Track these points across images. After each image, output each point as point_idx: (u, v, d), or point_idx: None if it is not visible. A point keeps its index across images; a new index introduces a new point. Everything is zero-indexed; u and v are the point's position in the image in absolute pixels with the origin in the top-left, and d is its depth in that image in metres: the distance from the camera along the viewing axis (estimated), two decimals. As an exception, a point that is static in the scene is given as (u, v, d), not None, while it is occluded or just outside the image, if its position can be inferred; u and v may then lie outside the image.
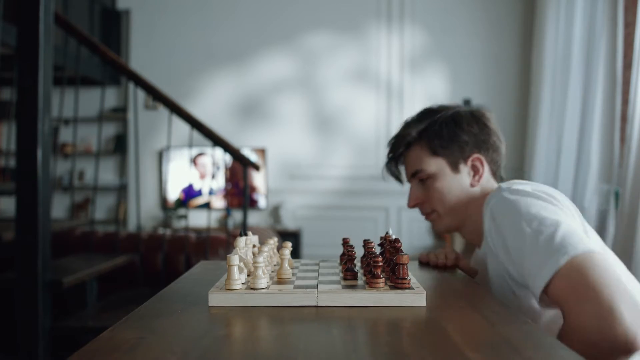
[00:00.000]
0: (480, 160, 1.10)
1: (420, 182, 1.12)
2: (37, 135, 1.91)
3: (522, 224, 0.88)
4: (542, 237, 0.84)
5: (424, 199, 1.11)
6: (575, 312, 0.77)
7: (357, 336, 0.64)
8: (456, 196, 1.08)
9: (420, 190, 1.12)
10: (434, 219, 1.13)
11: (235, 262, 0.78)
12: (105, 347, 0.61)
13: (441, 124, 1.09)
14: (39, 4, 1.90)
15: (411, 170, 1.12)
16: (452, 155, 1.08)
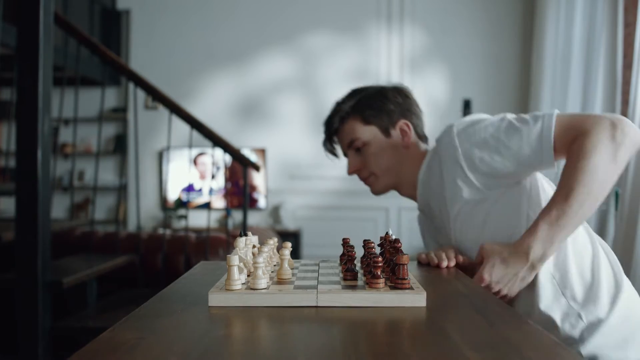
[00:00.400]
0: (407, 125, 1.26)
1: (357, 151, 1.27)
2: (37, 136, 1.91)
3: (495, 122, 1.08)
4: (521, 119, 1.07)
5: (362, 165, 1.28)
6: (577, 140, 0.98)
7: (357, 336, 0.64)
8: (390, 157, 1.25)
9: (357, 158, 1.28)
10: (372, 181, 1.29)
11: (235, 263, 0.78)
12: (105, 347, 0.61)
13: (370, 97, 1.26)
14: (39, 5, 1.90)
15: (347, 140, 1.28)
16: (382, 123, 1.25)
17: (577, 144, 0.98)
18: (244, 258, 0.86)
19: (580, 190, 0.96)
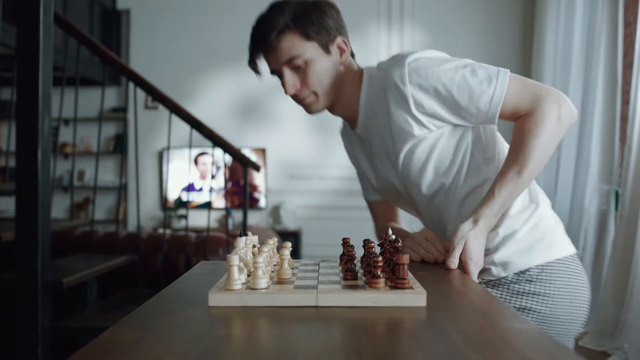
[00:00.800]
0: (344, 42, 1.22)
1: (294, 69, 1.18)
2: (37, 135, 1.91)
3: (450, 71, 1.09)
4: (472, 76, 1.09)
5: (302, 85, 1.19)
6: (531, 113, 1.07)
7: (357, 336, 0.64)
8: (331, 76, 1.19)
9: (295, 77, 1.18)
10: (312, 101, 1.21)
11: (235, 262, 0.78)
12: (105, 347, 0.61)
13: (307, 11, 1.18)
14: (39, 4, 1.90)
15: (285, 58, 1.16)
16: (322, 39, 1.18)
17: (528, 120, 1.08)
18: (244, 258, 0.86)
19: (530, 167, 1.07)
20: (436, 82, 1.09)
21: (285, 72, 1.17)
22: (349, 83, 1.22)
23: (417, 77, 1.10)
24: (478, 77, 1.08)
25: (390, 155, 1.21)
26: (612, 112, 3.45)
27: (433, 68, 1.10)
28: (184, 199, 5.14)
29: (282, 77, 1.17)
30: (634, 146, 3.01)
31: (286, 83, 1.17)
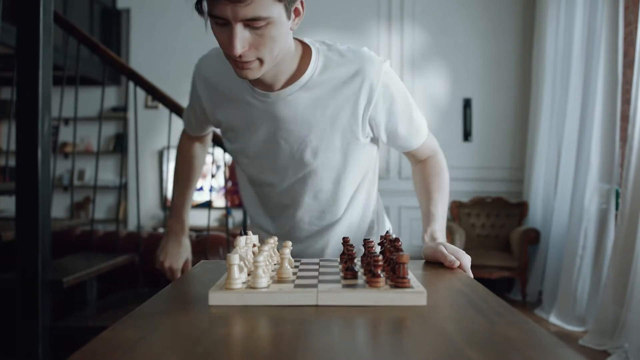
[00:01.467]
0: (302, 4, 1.06)
1: (249, 29, 0.99)
2: (37, 135, 1.91)
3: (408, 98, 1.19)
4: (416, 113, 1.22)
5: (249, 47, 1.01)
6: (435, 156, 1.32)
7: (357, 335, 0.64)
8: (285, 42, 1.05)
9: (246, 36, 1.00)
10: (255, 67, 1.04)
11: (235, 262, 0.78)
12: (105, 346, 0.61)
13: None
14: (39, 4, 1.90)
15: (250, 15, 0.96)
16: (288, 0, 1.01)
17: (435, 159, 1.32)
18: (244, 257, 0.86)
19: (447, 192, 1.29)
20: (396, 100, 1.16)
21: (237, 28, 0.97)
22: (289, 51, 1.11)
23: (386, 86, 1.13)
24: (417, 114, 1.23)
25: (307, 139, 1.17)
26: (613, 112, 3.45)
27: (399, 85, 1.17)
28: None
29: (231, 32, 0.98)
30: (634, 145, 3.01)
31: (235, 41, 0.98)
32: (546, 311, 3.92)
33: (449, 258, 1.05)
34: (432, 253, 1.10)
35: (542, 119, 4.46)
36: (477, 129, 5.00)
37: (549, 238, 4.22)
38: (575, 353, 0.57)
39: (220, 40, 1.02)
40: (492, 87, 5.00)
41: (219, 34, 1.02)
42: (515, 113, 4.98)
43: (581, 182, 3.69)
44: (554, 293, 3.96)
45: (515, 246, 4.37)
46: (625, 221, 3.05)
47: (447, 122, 5.01)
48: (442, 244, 1.11)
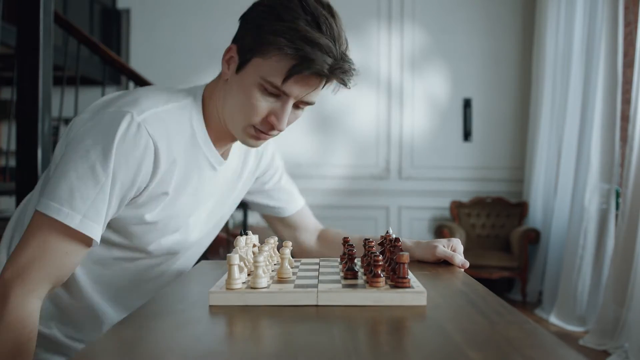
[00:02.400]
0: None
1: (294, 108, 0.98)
2: (37, 135, 1.91)
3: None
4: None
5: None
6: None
7: (357, 335, 0.64)
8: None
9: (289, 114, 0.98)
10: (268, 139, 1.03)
11: (235, 262, 0.78)
12: (105, 347, 0.61)
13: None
14: (39, 4, 1.90)
15: (311, 99, 0.98)
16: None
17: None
18: (244, 257, 0.86)
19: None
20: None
21: (289, 105, 0.95)
22: None
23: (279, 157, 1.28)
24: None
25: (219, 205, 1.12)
26: (613, 111, 3.45)
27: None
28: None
29: (283, 107, 0.94)
30: (635, 145, 3.01)
31: (285, 117, 0.95)
32: (546, 311, 3.92)
33: (458, 260, 1.04)
34: (430, 254, 1.08)
35: (542, 119, 4.46)
36: (477, 129, 5.00)
37: (549, 238, 4.22)
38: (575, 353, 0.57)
39: (258, 106, 0.94)
40: (492, 87, 5.00)
41: (260, 101, 0.93)
42: (515, 113, 4.98)
43: (581, 182, 3.69)
44: (554, 293, 3.96)
45: (515, 246, 4.38)
46: (625, 221, 3.05)
47: (447, 122, 5.01)
48: (435, 242, 1.08)
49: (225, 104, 0.99)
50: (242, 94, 0.94)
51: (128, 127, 0.88)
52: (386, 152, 5.02)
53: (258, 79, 0.92)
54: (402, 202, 5.00)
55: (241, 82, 0.94)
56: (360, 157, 5.02)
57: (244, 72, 0.94)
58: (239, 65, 0.95)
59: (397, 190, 5.01)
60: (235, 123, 0.97)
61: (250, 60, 0.93)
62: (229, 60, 0.98)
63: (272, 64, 0.90)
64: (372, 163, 5.02)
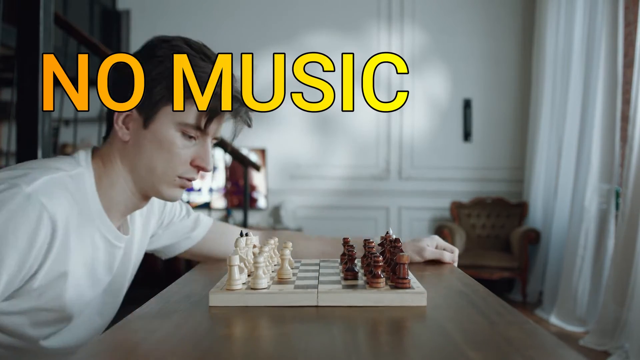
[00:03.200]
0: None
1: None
2: (38, 136, 1.91)
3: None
4: None
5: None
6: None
7: (357, 336, 0.64)
8: None
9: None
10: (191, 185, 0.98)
11: (235, 263, 0.78)
12: (105, 347, 0.61)
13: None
14: (39, 5, 1.90)
15: (219, 134, 0.97)
16: None
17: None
18: (244, 258, 0.86)
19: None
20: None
21: (209, 143, 0.93)
22: None
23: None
24: None
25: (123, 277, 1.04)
26: (613, 112, 3.45)
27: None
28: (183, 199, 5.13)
29: (204, 147, 0.91)
30: (635, 145, 3.01)
31: (210, 157, 0.92)
32: (546, 311, 3.92)
33: (448, 257, 1.13)
34: (419, 256, 1.13)
35: (542, 119, 4.46)
36: (477, 130, 5.00)
37: (550, 238, 4.22)
38: (575, 353, 0.57)
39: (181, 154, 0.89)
40: (492, 87, 5.00)
41: (181, 148, 0.88)
42: (515, 113, 4.98)
43: (581, 182, 3.69)
44: (554, 293, 3.95)
45: (515, 246, 4.37)
46: (625, 221, 3.05)
47: (447, 122, 5.01)
48: (419, 242, 1.14)
49: (137, 165, 0.89)
50: (159, 147, 0.88)
51: (15, 200, 0.76)
52: (386, 153, 5.02)
53: (175, 126, 0.87)
54: (402, 203, 5.00)
55: (154, 135, 0.87)
56: (360, 158, 5.02)
57: (155, 124, 0.87)
58: (146, 119, 0.87)
59: (397, 190, 5.00)
60: (158, 179, 0.90)
61: (159, 111, 0.87)
62: (125, 120, 0.89)
63: (189, 106, 0.87)
64: (372, 163, 5.02)
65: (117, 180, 0.91)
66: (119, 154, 0.91)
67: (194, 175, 0.92)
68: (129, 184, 0.92)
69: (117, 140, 0.91)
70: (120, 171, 0.91)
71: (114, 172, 0.91)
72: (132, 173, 0.91)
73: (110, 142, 0.93)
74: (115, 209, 0.92)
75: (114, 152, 0.92)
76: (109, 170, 0.91)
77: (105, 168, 0.92)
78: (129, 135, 0.89)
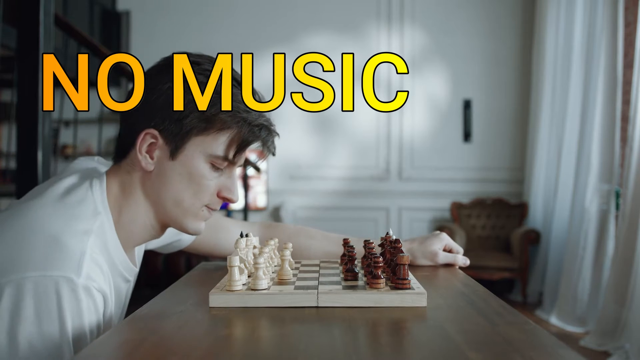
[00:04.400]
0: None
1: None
2: (38, 137, 1.91)
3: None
4: None
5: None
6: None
7: (357, 337, 0.64)
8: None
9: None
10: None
11: (235, 263, 0.78)
12: (106, 348, 0.61)
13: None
14: (39, 6, 1.90)
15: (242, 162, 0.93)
16: None
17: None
18: (244, 259, 0.86)
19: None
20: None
21: (236, 173, 0.92)
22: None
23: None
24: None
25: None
26: (613, 112, 3.45)
27: None
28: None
29: (230, 177, 0.89)
30: (635, 146, 3.01)
31: (236, 187, 0.91)
32: (547, 312, 3.92)
33: (461, 262, 1.09)
34: (431, 261, 1.10)
35: (542, 120, 4.46)
36: (477, 130, 5.00)
37: (550, 239, 4.22)
38: (575, 354, 0.57)
39: (209, 185, 0.86)
40: (492, 87, 5.00)
41: (210, 180, 0.86)
42: (515, 113, 4.98)
43: (581, 182, 3.69)
44: (554, 294, 3.95)
45: (515, 247, 4.37)
46: (625, 222, 3.05)
47: (447, 123, 5.01)
48: (431, 244, 1.09)
49: (162, 197, 0.86)
50: (188, 180, 0.84)
51: (74, 296, 0.72)
52: (386, 153, 5.02)
53: (205, 157, 0.84)
54: (402, 203, 5.00)
55: (184, 166, 0.84)
56: (361, 158, 5.02)
57: (184, 156, 0.83)
58: (174, 150, 0.83)
59: (397, 191, 5.01)
60: (183, 212, 0.86)
61: (189, 141, 0.83)
62: (149, 148, 0.84)
63: (219, 137, 0.84)
64: (372, 164, 5.02)
65: (138, 214, 0.87)
66: (141, 184, 0.86)
67: (218, 206, 0.90)
68: (150, 215, 0.88)
69: (139, 169, 0.86)
70: (142, 203, 0.87)
71: (135, 205, 0.87)
72: (156, 205, 0.87)
73: (129, 171, 0.87)
74: (132, 243, 0.89)
75: (135, 182, 0.86)
76: (130, 203, 0.87)
77: (125, 201, 0.87)
78: (153, 165, 0.85)
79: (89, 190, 0.84)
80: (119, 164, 0.88)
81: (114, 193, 0.86)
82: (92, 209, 0.82)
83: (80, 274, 0.73)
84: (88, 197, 0.83)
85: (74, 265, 0.73)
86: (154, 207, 0.87)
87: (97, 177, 0.87)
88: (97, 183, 0.86)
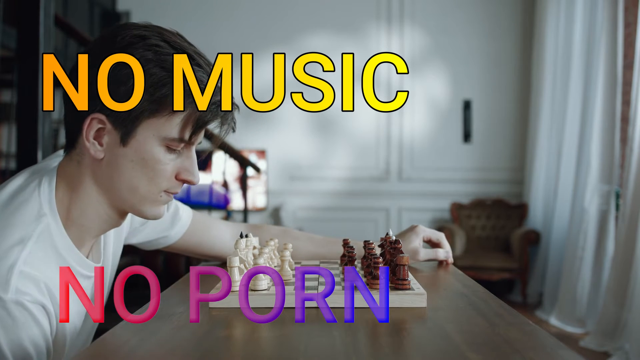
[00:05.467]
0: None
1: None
2: (37, 137, 1.91)
3: None
4: None
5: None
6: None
7: (357, 337, 0.64)
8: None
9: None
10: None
11: (235, 264, 0.78)
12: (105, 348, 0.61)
13: None
14: (39, 7, 1.91)
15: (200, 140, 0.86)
16: None
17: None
18: (244, 259, 0.86)
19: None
20: None
21: (194, 153, 0.84)
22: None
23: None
24: None
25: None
26: (612, 113, 3.45)
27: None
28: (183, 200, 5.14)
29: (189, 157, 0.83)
30: (635, 146, 3.01)
31: (196, 168, 0.84)
32: (547, 312, 3.92)
33: (443, 256, 1.13)
34: (413, 258, 1.11)
35: (542, 120, 4.46)
36: (477, 130, 5.00)
37: (550, 239, 4.22)
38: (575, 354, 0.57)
39: (166, 170, 0.80)
40: (492, 88, 5.00)
41: (166, 163, 0.80)
42: (515, 114, 4.99)
43: (581, 183, 3.69)
44: (554, 294, 3.95)
45: (515, 247, 4.37)
46: (625, 222, 3.05)
47: (447, 123, 5.01)
48: (411, 241, 1.10)
49: (115, 185, 0.80)
50: (142, 165, 0.78)
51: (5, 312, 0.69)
52: (386, 154, 5.02)
53: (159, 140, 0.78)
54: (402, 204, 5.00)
55: (136, 152, 0.78)
56: (360, 159, 5.02)
57: (135, 140, 0.77)
58: (124, 135, 0.77)
59: (397, 191, 5.01)
60: (140, 199, 0.81)
61: (139, 125, 0.77)
62: (97, 134, 0.78)
63: (173, 119, 0.77)
64: (372, 165, 5.02)
65: (89, 206, 0.81)
66: (91, 174, 0.80)
67: (178, 189, 0.84)
68: (104, 206, 0.82)
69: (87, 158, 0.80)
70: (93, 194, 0.81)
71: (85, 197, 0.81)
72: (109, 194, 0.81)
73: (77, 160, 0.81)
74: (87, 236, 0.84)
75: (84, 173, 0.81)
76: (81, 195, 0.81)
77: (75, 194, 0.81)
78: (103, 153, 0.78)
79: (35, 190, 0.79)
80: (70, 154, 0.82)
81: (62, 188, 0.81)
82: (35, 211, 0.77)
83: (8, 289, 0.69)
84: (33, 199, 0.78)
85: (1, 282, 0.69)
86: (107, 196, 0.81)
87: (47, 174, 0.82)
88: (45, 181, 0.81)
